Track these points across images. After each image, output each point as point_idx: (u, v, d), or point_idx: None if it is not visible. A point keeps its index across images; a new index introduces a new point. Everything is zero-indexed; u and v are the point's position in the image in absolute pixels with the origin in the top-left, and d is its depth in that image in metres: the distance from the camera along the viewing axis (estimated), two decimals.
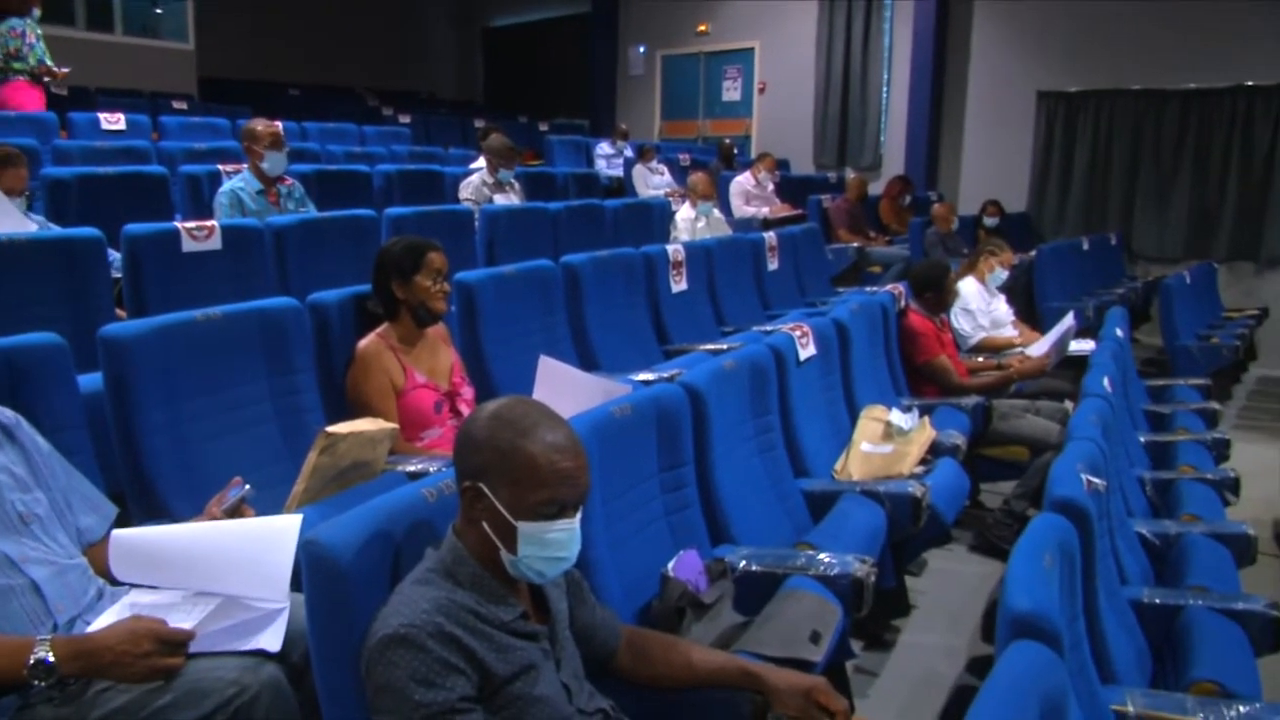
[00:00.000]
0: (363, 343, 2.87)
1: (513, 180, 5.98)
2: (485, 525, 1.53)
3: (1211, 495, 3.48)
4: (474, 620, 1.50)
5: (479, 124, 10.00)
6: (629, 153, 9.53)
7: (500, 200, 5.74)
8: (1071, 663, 1.90)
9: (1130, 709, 2.01)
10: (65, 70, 6.71)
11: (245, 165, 4.73)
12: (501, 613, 1.54)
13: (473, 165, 6.57)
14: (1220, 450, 4.07)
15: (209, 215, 4.53)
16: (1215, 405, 4.79)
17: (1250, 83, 8.32)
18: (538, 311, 3.85)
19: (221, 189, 4.62)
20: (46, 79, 6.67)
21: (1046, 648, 1.50)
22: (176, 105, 8.69)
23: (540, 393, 2.75)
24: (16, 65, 6.49)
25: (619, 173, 9.24)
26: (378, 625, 1.47)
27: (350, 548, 1.54)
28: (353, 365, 2.86)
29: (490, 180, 5.83)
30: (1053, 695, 1.41)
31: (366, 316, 3.00)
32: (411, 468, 2.51)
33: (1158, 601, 2.56)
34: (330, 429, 2.29)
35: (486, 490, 1.52)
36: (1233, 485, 3.63)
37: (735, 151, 9.99)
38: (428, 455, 2.72)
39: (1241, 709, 1.99)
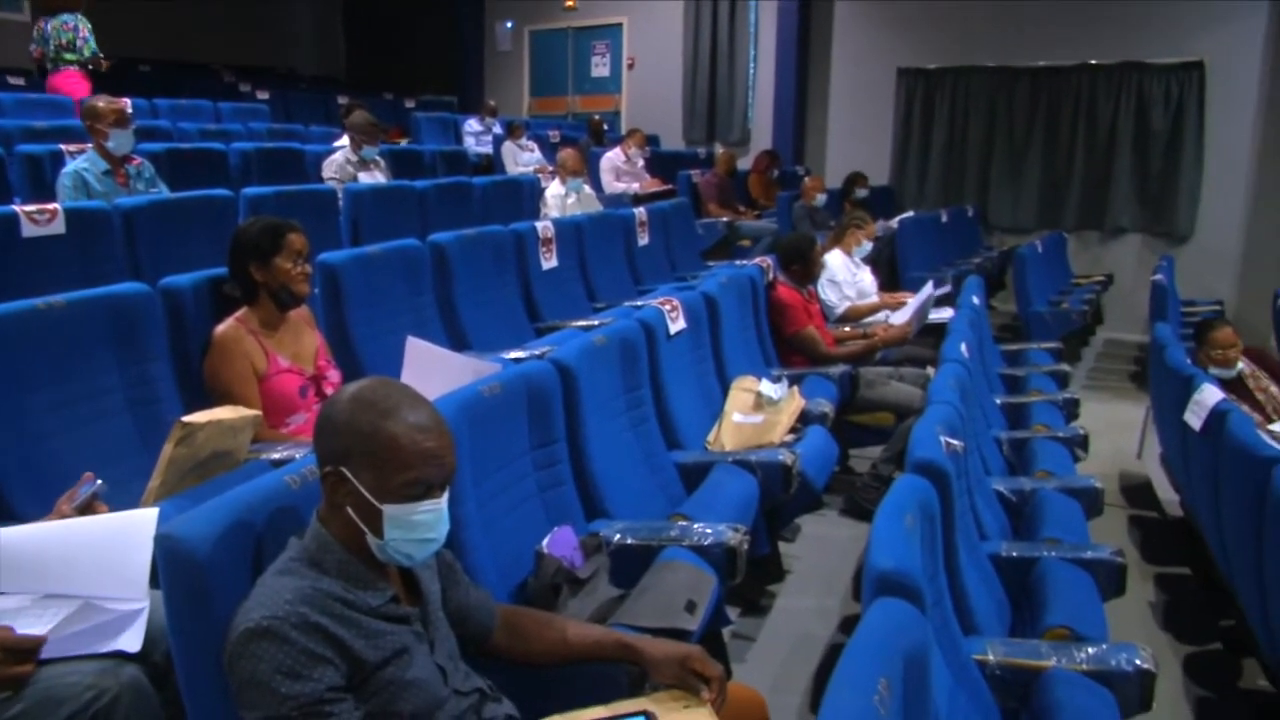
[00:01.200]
0: (220, 328, 2.76)
1: (378, 158, 5.85)
2: (350, 510, 1.50)
3: (1063, 452, 3.67)
4: (341, 608, 1.47)
5: (342, 100, 9.69)
6: (498, 130, 9.42)
7: (365, 179, 5.60)
8: (934, 617, 1.98)
9: (990, 657, 2.11)
10: (108, 61, 7.28)
11: (90, 145, 4.49)
12: (370, 598, 1.51)
13: (336, 143, 6.38)
14: (1070, 409, 4.29)
15: (51, 198, 4.28)
16: (1066, 367, 5.03)
17: (1094, 61, 8.74)
18: (405, 292, 3.78)
19: (65, 170, 4.38)
20: (92, 68, 7.18)
21: (909, 604, 1.55)
22: (13, 81, 8.17)
23: (409, 374, 2.71)
24: (69, 56, 7.06)
25: (488, 150, 9.12)
26: (239, 619, 1.42)
27: (208, 540, 1.49)
28: (210, 352, 2.75)
29: (354, 158, 5.68)
30: (915, 649, 1.47)
31: (224, 301, 2.89)
32: (276, 455, 2.44)
33: (1015, 555, 2.68)
34: (187, 418, 2.20)
35: (349, 474, 1.49)
36: (1082, 442, 3.83)
37: (605, 128, 9.97)
38: (294, 442, 2.64)
39: (1090, 650, 2.12)
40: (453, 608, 1.74)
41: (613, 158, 8.30)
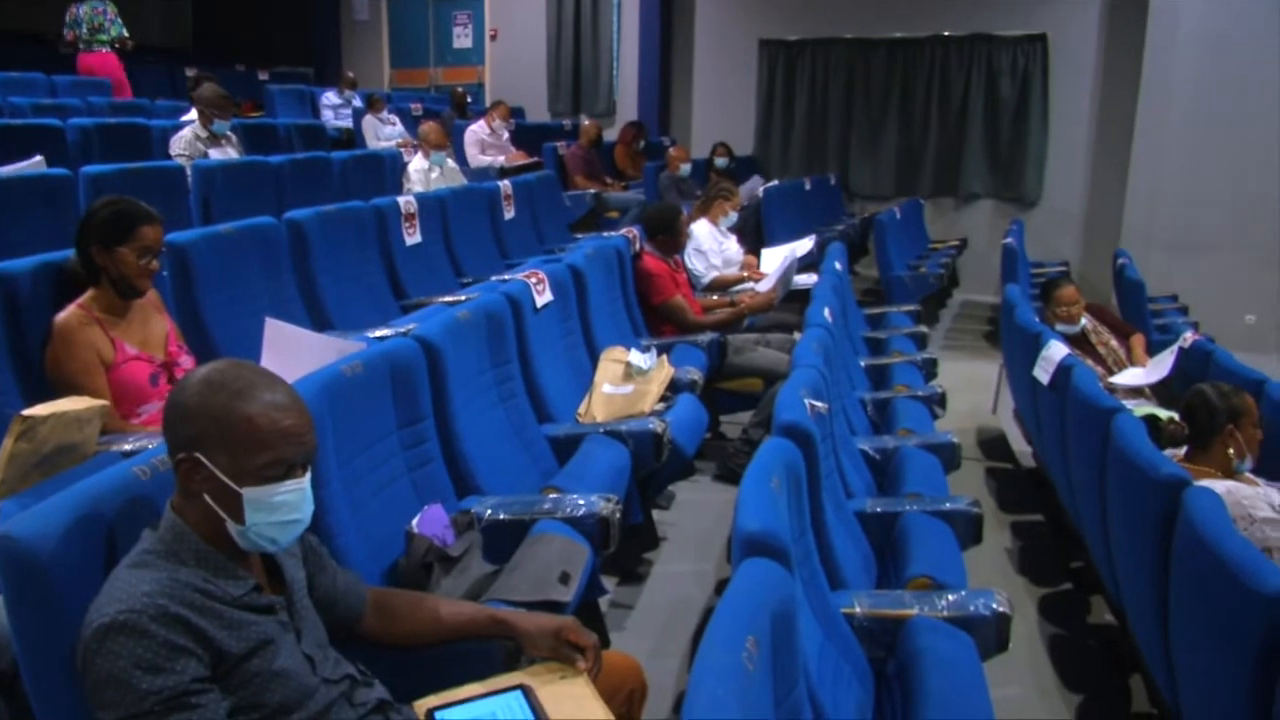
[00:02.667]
0: (61, 316, 2.61)
1: (229, 133, 5.60)
2: (207, 497, 1.44)
3: (923, 410, 3.81)
4: (201, 599, 1.41)
5: (190, 73, 9.26)
6: (357, 102, 9.16)
7: (216, 155, 5.36)
8: (803, 574, 2.04)
9: (858, 610, 2.18)
10: (132, 41, 8.15)
11: None
12: (231, 588, 1.46)
13: (184, 118, 6.10)
14: (929, 369, 4.46)
15: None
16: (924, 329, 5.23)
17: (946, 33, 9.03)
18: (262, 272, 3.64)
19: None
20: (119, 47, 8.03)
21: (776, 563, 1.59)
22: None
23: (269, 357, 2.62)
24: (101, 38, 7.89)
25: (347, 123, 8.86)
26: (92, 616, 1.35)
27: (50, 538, 1.41)
28: (51, 341, 2.59)
29: (204, 133, 5.43)
30: (781, 606, 1.50)
31: (65, 287, 2.72)
32: (127, 446, 2.33)
33: (879, 510, 2.78)
34: (27, 412, 2.08)
35: (204, 460, 1.43)
36: (940, 400, 3.99)
37: (469, 100, 9.80)
38: (146, 432, 2.52)
39: (950, 597, 2.21)
40: (320, 594, 1.70)
41: (477, 130, 8.17)
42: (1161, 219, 7.90)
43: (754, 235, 6.93)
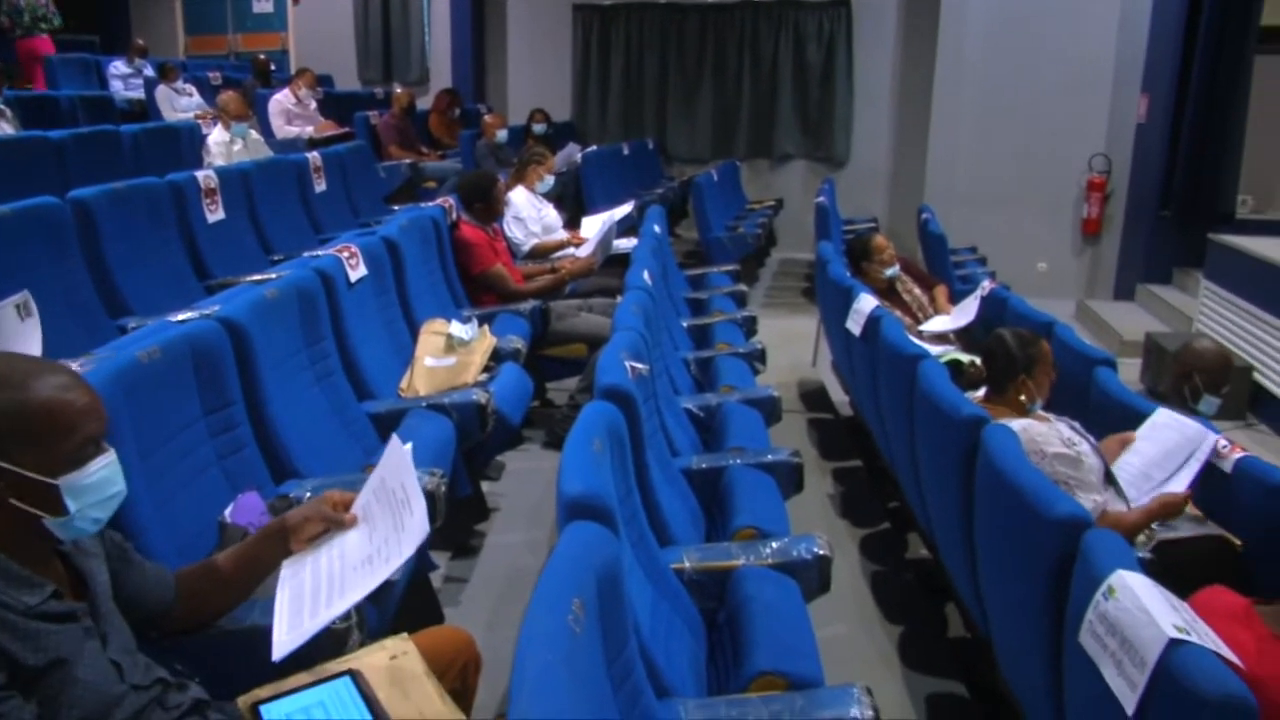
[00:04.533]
0: None
1: (3, 107, 5.17)
2: (14, 502, 1.34)
3: (744, 367, 3.91)
4: None
5: None
6: (149, 72, 8.62)
7: None
8: (631, 534, 2.06)
9: (687, 564, 2.23)
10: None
11: None
12: (27, 597, 1.36)
13: None
14: (749, 327, 4.57)
15: None
16: (744, 288, 5.35)
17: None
18: (47, 258, 3.38)
19: None
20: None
21: (600, 525, 1.59)
22: None
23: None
24: (43, 25, 8.64)
25: (139, 94, 8.33)
26: None
27: None
28: None
29: None
30: (607, 567, 1.51)
31: None
32: None
33: (704, 466, 2.84)
34: None
35: (8, 465, 1.33)
36: (760, 356, 4.10)
37: (272, 68, 9.37)
38: None
39: (774, 545, 2.29)
40: (128, 592, 1.60)
41: (282, 100, 7.82)
42: (960, 176, 8.37)
43: (574, 202, 6.92)
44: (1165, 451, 2.77)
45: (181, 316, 2.96)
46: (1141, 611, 1.47)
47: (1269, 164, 7.86)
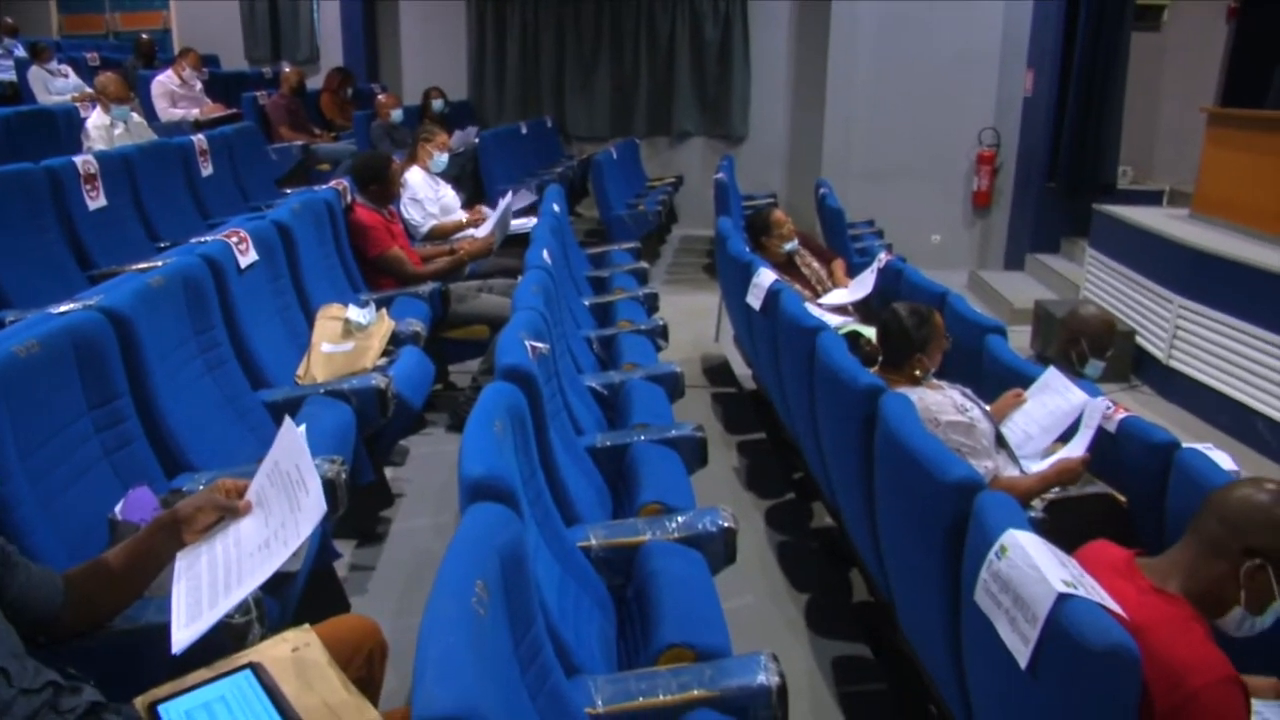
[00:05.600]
0: None
1: None
2: None
3: (646, 344, 3.92)
4: None
5: None
6: (20, 52, 8.21)
7: None
8: (536, 513, 2.05)
9: (593, 542, 2.23)
10: None
11: None
12: None
13: None
14: (651, 304, 4.59)
15: None
16: (645, 265, 5.35)
17: None
18: None
19: None
20: None
21: (502, 506, 1.59)
22: None
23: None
24: None
25: (10, 76, 7.94)
26: None
27: None
28: None
29: None
30: (510, 547, 1.50)
31: None
32: None
33: (609, 444, 2.85)
34: None
35: None
36: (662, 332, 4.12)
37: (155, 48, 9.01)
38: None
39: (679, 519, 2.31)
40: (11, 596, 1.53)
41: (165, 81, 7.54)
42: (855, 151, 8.52)
43: (472, 182, 6.83)
44: (1051, 415, 2.89)
45: (62, 308, 2.85)
46: (1032, 568, 1.52)
47: (1147, 136, 8.19)
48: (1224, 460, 2.68)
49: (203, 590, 1.55)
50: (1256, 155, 5.59)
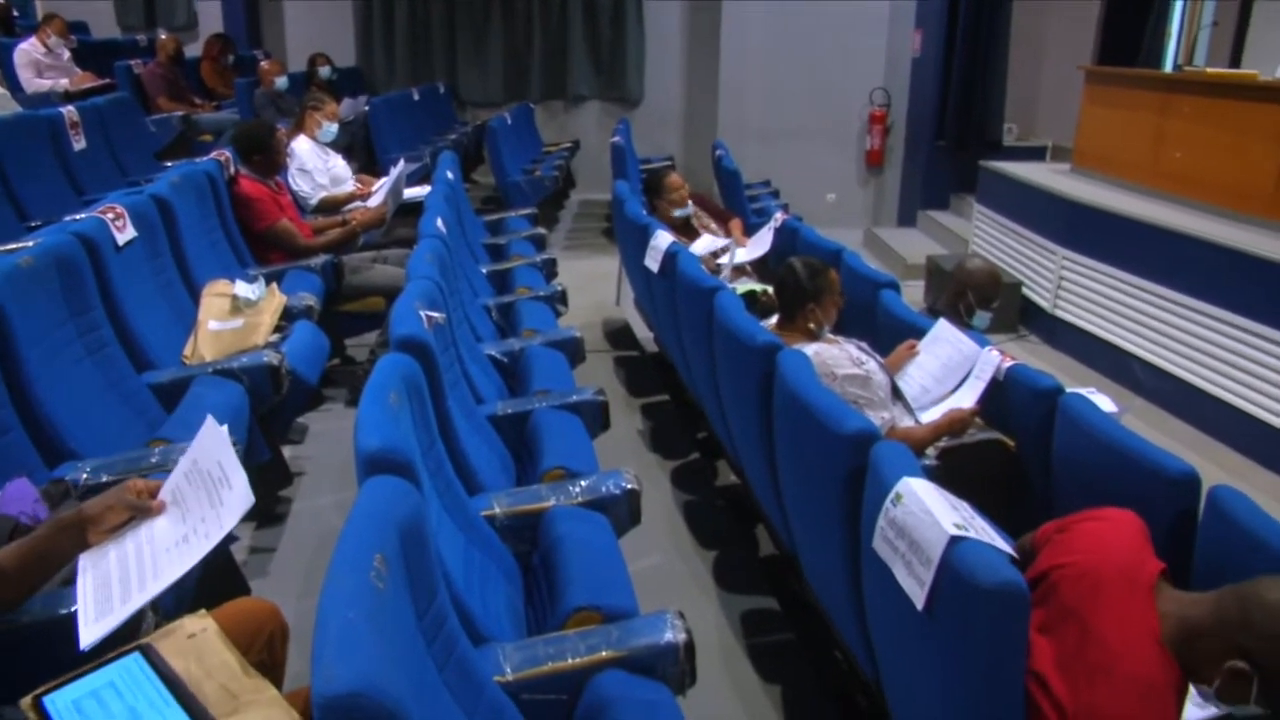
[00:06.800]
0: None
1: None
2: None
3: (546, 310, 3.90)
4: None
5: None
6: None
7: None
8: (438, 484, 2.03)
9: (497, 510, 2.22)
10: None
11: None
12: None
13: None
14: (550, 269, 4.56)
15: None
16: (543, 231, 5.32)
17: None
18: None
19: None
20: None
21: (400, 478, 1.56)
22: None
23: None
24: None
25: None
26: None
27: None
28: None
29: None
30: (410, 520, 1.48)
31: None
32: None
33: (510, 411, 2.83)
34: None
35: None
36: (562, 298, 4.11)
37: (15, 15, 8.52)
38: None
39: (583, 483, 2.31)
40: None
41: (29, 50, 7.13)
42: (750, 112, 8.57)
43: (364, 151, 6.67)
44: (944, 366, 2.97)
45: None
46: (925, 514, 1.56)
47: (1030, 95, 8.42)
48: (1105, 403, 2.81)
49: (113, 586, 1.50)
50: (1129, 111, 5.81)
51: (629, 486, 2.30)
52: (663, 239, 3.64)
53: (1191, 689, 1.53)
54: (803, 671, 2.64)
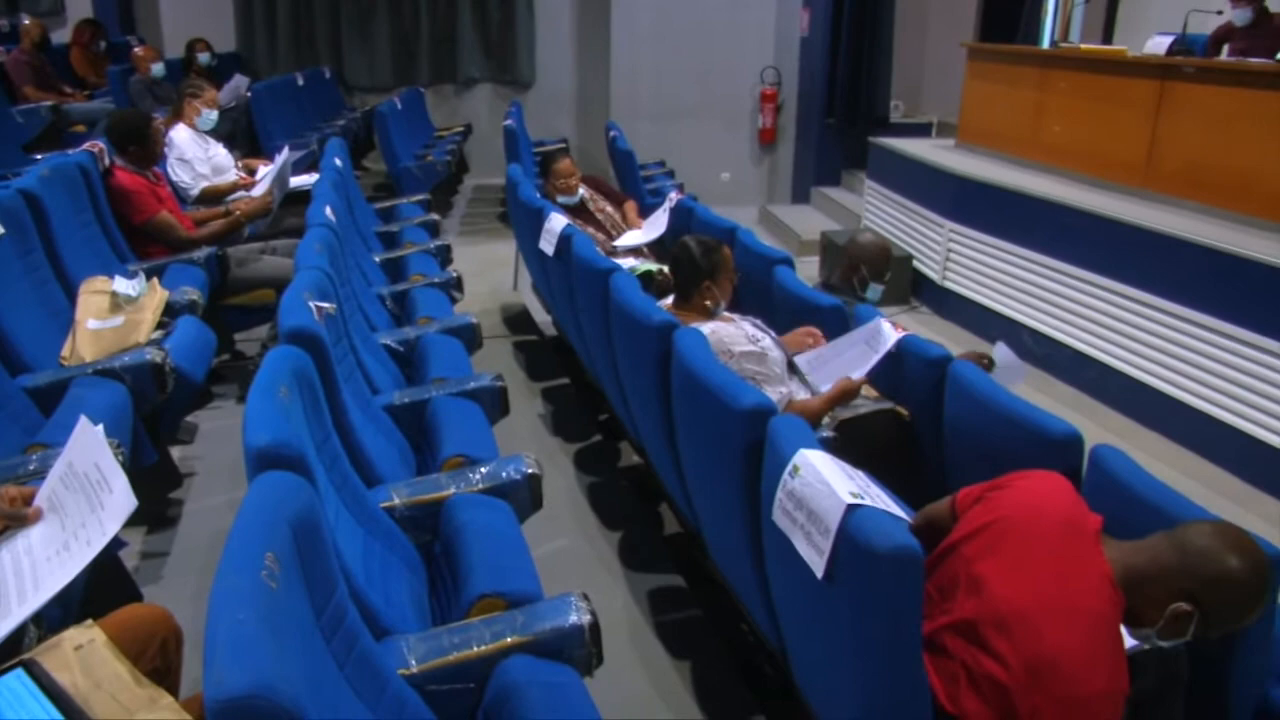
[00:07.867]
0: None
1: None
2: None
3: (441, 297, 3.85)
4: None
5: None
6: None
7: None
8: (334, 478, 1.99)
9: (397, 501, 2.19)
10: None
11: None
12: None
13: None
14: (444, 256, 4.50)
15: None
16: (436, 217, 5.23)
17: None
18: None
19: None
20: None
21: (291, 473, 1.53)
22: None
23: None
24: None
25: None
26: None
27: None
28: None
29: None
30: (302, 515, 1.46)
31: None
32: None
33: (407, 401, 2.79)
34: None
35: None
36: (457, 284, 4.06)
37: None
38: None
39: (483, 470, 2.30)
40: None
41: None
42: (643, 93, 8.58)
43: (247, 138, 6.47)
44: (847, 339, 3.01)
45: None
46: (822, 484, 1.59)
47: (916, 71, 8.61)
48: (1010, 356, 2.92)
49: None
50: (1009, 87, 5.99)
51: (529, 471, 2.29)
52: (557, 222, 3.62)
53: (1137, 633, 1.65)
54: (710, 646, 2.67)
